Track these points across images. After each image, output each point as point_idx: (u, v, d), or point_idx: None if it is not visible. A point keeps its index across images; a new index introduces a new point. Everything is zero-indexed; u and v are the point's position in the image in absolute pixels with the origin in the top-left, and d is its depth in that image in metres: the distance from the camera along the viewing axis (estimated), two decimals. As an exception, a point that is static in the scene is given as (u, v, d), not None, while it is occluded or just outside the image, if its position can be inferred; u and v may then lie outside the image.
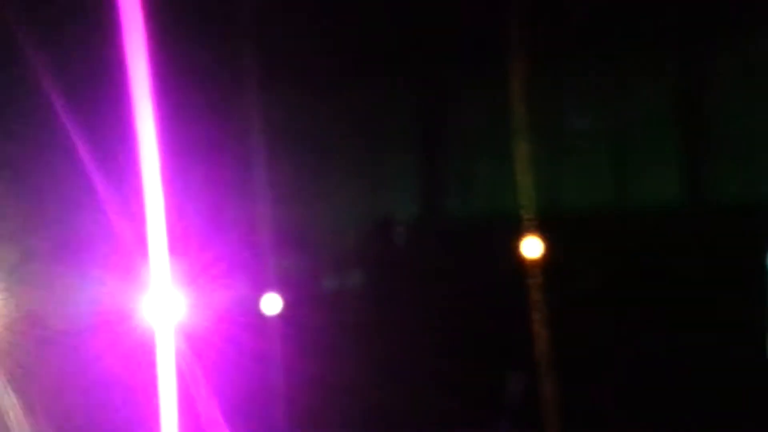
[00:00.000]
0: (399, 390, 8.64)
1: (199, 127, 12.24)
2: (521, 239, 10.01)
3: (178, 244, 10.66)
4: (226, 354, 8.06)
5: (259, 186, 10.15)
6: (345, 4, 11.18)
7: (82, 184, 8.96)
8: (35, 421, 7.14)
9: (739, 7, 10.20)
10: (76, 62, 9.23)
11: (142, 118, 8.05)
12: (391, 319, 9.80)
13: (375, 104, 12.74)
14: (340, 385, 7.69)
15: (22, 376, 7.31)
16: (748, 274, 10.04)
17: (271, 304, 8.65)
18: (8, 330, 7.85)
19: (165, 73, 9.22)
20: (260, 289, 9.33)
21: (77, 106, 8.87)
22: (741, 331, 9.62)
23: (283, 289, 9.53)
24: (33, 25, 8.63)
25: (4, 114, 8.97)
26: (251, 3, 10.50)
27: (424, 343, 9.19)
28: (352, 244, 11.32)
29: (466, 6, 10.95)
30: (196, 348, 8.26)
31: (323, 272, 11.32)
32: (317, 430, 7.77)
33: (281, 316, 8.88)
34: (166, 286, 10.04)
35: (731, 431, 8.24)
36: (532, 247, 9.85)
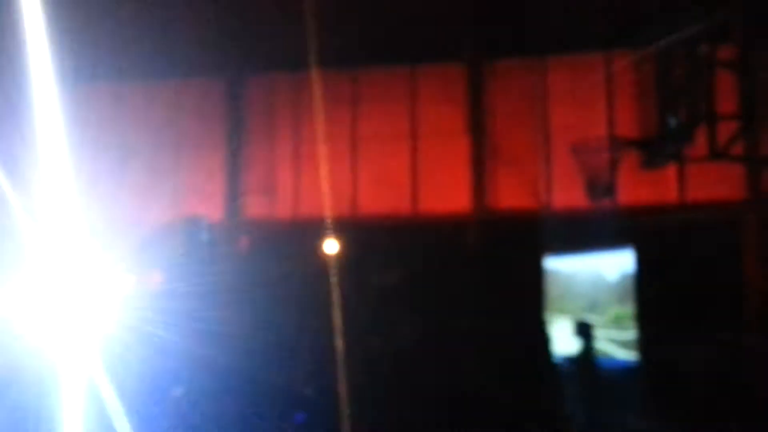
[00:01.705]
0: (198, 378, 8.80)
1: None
2: (320, 241, 10.44)
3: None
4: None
5: (62, 184, 9.97)
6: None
7: None
8: None
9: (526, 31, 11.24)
10: None
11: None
12: (193, 312, 9.89)
13: (180, 107, 12.81)
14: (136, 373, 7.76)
15: None
16: (528, 276, 10.98)
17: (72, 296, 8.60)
18: None
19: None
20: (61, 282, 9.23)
21: None
22: (522, 326, 10.46)
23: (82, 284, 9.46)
24: None
25: None
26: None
27: (223, 337, 9.35)
28: (156, 241, 11.30)
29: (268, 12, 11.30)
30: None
31: (126, 268, 11.23)
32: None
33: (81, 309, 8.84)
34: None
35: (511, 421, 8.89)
36: (330, 249, 10.29)
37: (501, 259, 11.20)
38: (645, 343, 10.31)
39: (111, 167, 12.33)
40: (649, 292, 10.45)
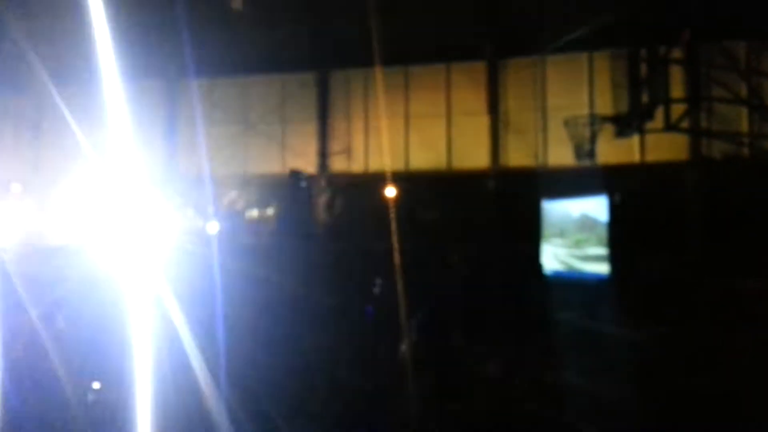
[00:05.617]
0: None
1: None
2: (384, 191, 13.95)
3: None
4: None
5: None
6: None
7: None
8: None
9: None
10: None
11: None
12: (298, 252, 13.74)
13: (283, 95, 16.84)
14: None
15: None
16: (528, 214, 13.97)
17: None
18: None
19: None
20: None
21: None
22: (523, 250, 13.81)
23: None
24: None
25: None
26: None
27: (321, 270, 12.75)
28: (272, 190, 15.27)
29: None
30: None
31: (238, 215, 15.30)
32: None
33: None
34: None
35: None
36: (390, 194, 13.70)
37: (510, 202, 14.67)
38: (613, 260, 12.87)
39: (237, 138, 16.42)
40: (616, 225, 13.58)
